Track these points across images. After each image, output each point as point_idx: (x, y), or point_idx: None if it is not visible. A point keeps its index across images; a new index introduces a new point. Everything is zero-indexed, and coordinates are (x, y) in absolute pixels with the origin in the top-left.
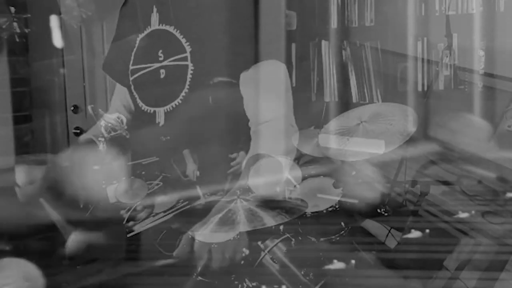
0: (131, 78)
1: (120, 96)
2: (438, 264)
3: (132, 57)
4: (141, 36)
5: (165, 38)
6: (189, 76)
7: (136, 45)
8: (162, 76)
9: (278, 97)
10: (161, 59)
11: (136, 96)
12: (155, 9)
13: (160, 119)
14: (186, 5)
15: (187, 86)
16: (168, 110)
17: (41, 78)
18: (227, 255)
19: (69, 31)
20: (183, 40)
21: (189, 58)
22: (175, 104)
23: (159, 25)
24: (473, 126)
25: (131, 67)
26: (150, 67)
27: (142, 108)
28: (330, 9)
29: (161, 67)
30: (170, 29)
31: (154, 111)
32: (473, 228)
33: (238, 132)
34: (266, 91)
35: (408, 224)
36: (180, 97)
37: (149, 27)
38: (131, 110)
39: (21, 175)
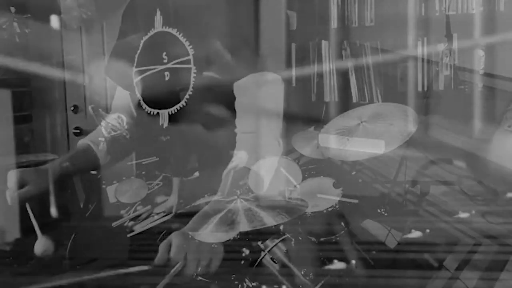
0: (135, 80)
1: (121, 100)
2: (438, 264)
3: (136, 59)
4: (145, 38)
5: (169, 40)
6: (192, 79)
7: (140, 47)
8: (166, 78)
9: (266, 111)
10: (165, 61)
11: (140, 98)
12: (158, 12)
13: (164, 121)
14: (187, 7)
15: (191, 89)
16: (173, 112)
17: (41, 78)
18: (203, 262)
19: (69, 31)
20: (186, 43)
21: (192, 61)
22: (180, 107)
23: (162, 27)
24: None
25: (134, 69)
26: (154, 69)
27: (146, 110)
28: (330, 9)
29: (166, 69)
30: (173, 31)
31: (158, 113)
32: (473, 228)
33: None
34: (255, 103)
35: (408, 224)
36: (184, 99)
37: (152, 29)
38: (132, 115)
39: (12, 178)
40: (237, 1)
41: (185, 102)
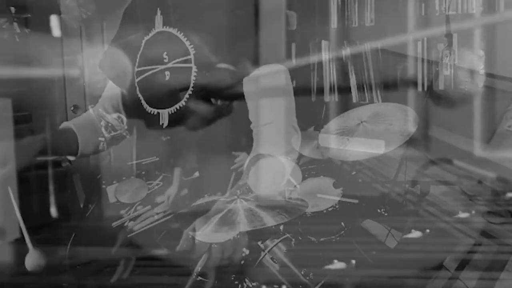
0: (136, 80)
1: (111, 97)
2: (438, 264)
3: (138, 59)
4: (146, 38)
5: (170, 40)
6: (193, 78)
7: (142, 47)
8: (166, 78)
9: (279, 100)
10: (165, 61)
11: (141, 97)
12: (159, 11)
13: (164, 121)
14: (188, 7)
15: (191, 88)
16: (172, 112)
17: (41, 78)
18: (226, 254)
19: (69, 31)
20: (187, 43)
21: (193, 60)
22: (179, 106)
23: (163, 27)
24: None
25: (136, 69)
26: (155, 69)
27: (147, 110)
28: (330, 9)
29: (166, 69)
30: (174, 31)
31: (158, 113)
32: (473, 228)
33: (240, 132)
34: (267, 95)
35: (408, 224)
36: (184, 99)
37: (153, 29)
38: (119, 109)
39: None
40: (238, 1)
41: (185, 101)
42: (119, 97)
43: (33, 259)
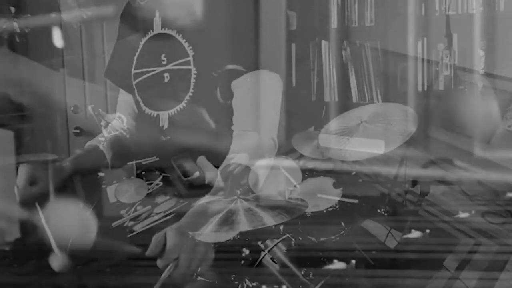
0: (134, 82)
1: (125, 103)
2: (438, 264)
3: (135, 61)
4: (144, 40)
5: (168, 42)
6: (192, 80)
7: (139, 49)
8: (166, 80)
9: (262, 109)
10: (164, 63)
11: (140, 99)
12: (157, 13)
13: (164, 123)
14: (187, 8)
15: (191, 90)
16: (172, 113)
17: (41, 78)
18: (197, 258)
19: (69, 31)
20: (186, 44)
21: (192, 62)
22: (179, 108)
23: (161, 28)
24: None
25: (133, 71)
26: (153, 71)
27: (146, 112)
28: (330, 9)
29: (165, 70)
30: (173, 33)
31: (158, 115)
32: (473, 228)
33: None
34: (252, 101)
35: (408, 224)
36: (185, 100)
37: (151, 31)
38: (136, 116)
39: (22, 175)
40: (237, 1)
41: (185, 103)
42: (133, 103)
43: (59, 260)
